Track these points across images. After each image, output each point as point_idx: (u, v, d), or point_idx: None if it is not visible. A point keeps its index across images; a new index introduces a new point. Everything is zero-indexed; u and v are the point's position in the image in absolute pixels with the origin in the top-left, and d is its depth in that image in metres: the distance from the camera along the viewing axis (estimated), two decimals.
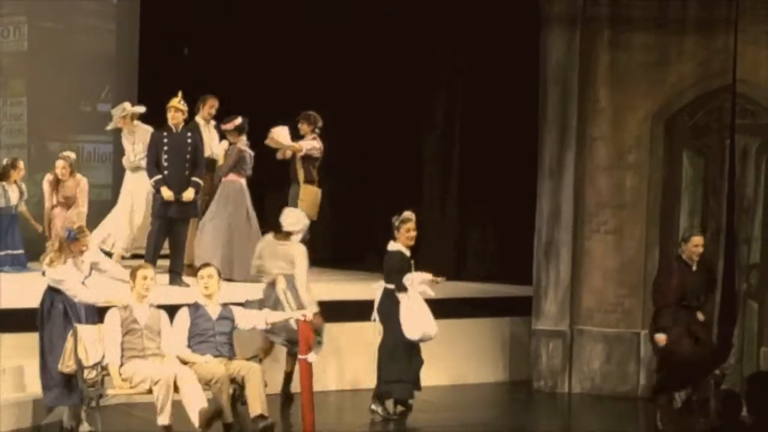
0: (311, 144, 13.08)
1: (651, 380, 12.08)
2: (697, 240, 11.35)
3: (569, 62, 12.71)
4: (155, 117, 13.03)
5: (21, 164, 13.44)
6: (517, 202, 13.31)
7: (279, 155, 13.15)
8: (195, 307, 10.15)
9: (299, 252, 11.17)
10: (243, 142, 13.22)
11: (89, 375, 9.76)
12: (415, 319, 10.97)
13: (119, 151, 14.33)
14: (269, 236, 11.39)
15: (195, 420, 9.59)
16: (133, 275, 9.98)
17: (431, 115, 14.37)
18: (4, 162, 13.50)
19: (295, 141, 13.02)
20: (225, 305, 10.23)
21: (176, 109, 12.52)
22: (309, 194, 12.99)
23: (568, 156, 12.76)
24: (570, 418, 11.92)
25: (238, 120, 13.11)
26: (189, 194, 12.45)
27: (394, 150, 14.27)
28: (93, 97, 14.65)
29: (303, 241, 11.44)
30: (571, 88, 12.71)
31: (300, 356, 10.22)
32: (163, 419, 9.60)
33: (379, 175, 14.13)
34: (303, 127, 13.18)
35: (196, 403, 9.56)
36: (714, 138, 12.42)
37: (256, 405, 9.75)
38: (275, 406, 10.64)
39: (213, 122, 13.41)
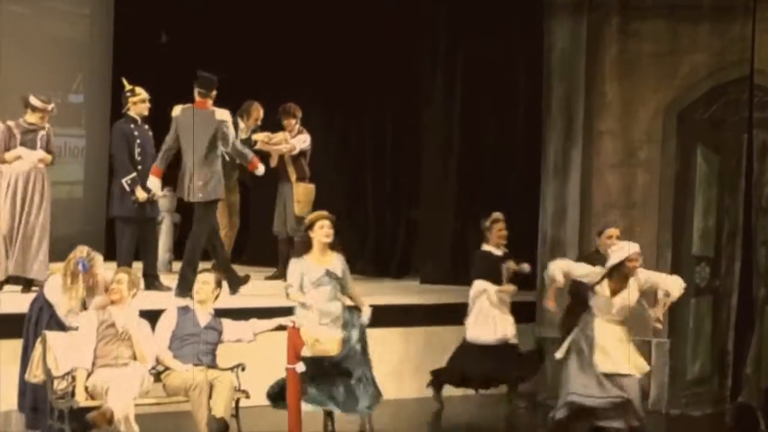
0: (302, 139, 13.10)
1: (662, 391, 11.92)
2: (612, 232, 11.27)
3: (575, 52, 12.57)
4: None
5: None
6: (520, 201, 13.13)
7: (272, 163, 13.07)
8: (184, 310, 10.03)
9: None
10: None
11: (59, 386, 9.45)
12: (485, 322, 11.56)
13: (92, 146, 13.80)
14: None
15: None
16: (113, 281, 9.72)
17: (430, 109, 14.16)
18: None
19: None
20: (216, 316, 10.04)
21: (146, 99, 12.04)
22: (304, 193, 13.04)
23: (574, 152, 12.59)
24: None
25: None
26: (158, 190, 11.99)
27: (390, 147, 14.24)
28: (64, 88, 14.34)
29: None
30: (578, 80, 12.57)
31: (288, 365, 9.94)
32: None
33: (375, 174, 13.71)
34: (288, 123, 13.16)
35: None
36: (730, 132, 12.18)
37: (219, 407, 9.55)
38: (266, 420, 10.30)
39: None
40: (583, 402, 10.28)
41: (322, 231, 10.05)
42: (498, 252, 11.74)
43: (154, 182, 11.76)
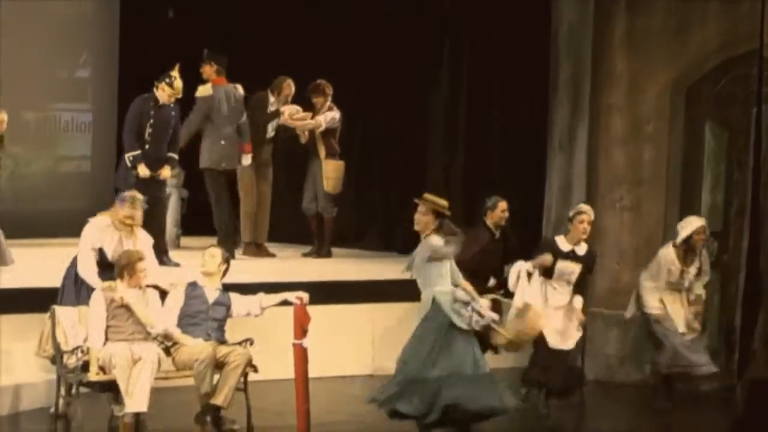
0: (330, 116, 13.10)
1: None
2: (503, 205, 11.10)
3: (583, 27, 12.53)
4: (140, 85, 12.52)
5: None
6: (525, 177, 13.11)
7: (301, 140, 13.23)
8: (192, 287, 9.94)
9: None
10: None
11: (68, 360, 9.42)
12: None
13: (99, 121, 13.77)
14: None
15: None
16: (130, 268, 9.60)
17: (436, 84, 14.12)
18: None
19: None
20: (224, 291, 9.98)
21: (173, 95, 11.99)
22: (334, 170, 13.14)
23: (580, 128, 12.54)
24: (581, 407, 11.31)
25: None
26: (166, 172, 12.06)
27: (397, 123, 14.13)
28: (70, 63, 14.26)
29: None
30: (585, 55, 12.52)
31: (294, 341, 9.80)
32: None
33: (382, 152, 13.68)
34: (317, 100, 13.20)
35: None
36: (739, 108, 12.15)
37: (221, 394, 9.50)
38: (273, 394, 10.25)
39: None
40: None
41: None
42: (566, 247, 10.76)
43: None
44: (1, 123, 12.45)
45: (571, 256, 10.68)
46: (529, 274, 10.52)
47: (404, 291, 12.17)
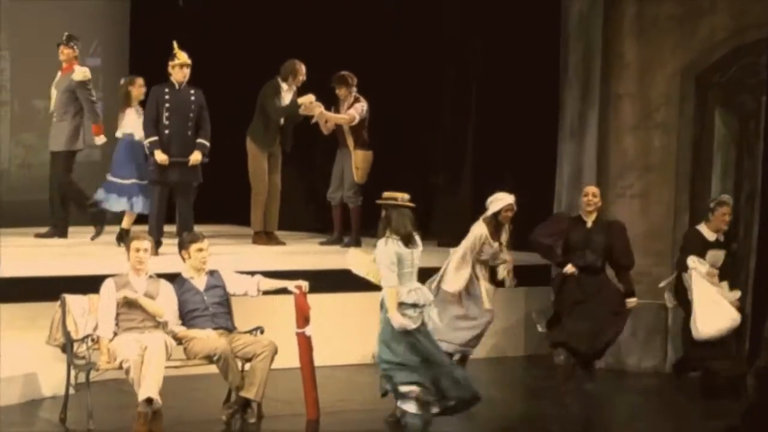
0: (360, 108, 13.00)
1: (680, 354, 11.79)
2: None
3: (592, 13, 12.49)
4: (150, 73, 12.57)
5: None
6: (536, 164, 13.03)
7: (324, 131, 13.13)
8: (179, 283, 9.81)
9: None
10: None
11: (79, 349, 9.40)
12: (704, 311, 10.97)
13: (109, 110, 13.76)
14: None
15: None
16: (126, 246, 9.65)
17: (445, 72, 14.04)
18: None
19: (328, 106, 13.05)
20: (212, 272, 9.89)
21: (185, 65, 11.92)
22: (363, 160, 13.08)
23: (590, 115, 12.50)
24: (592, 396, 11.32)
25: None
26: (196, 157, 11.93)
27: (406, 108, 14.03)
28: (81, 51, 14.03)
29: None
30: (595, 42, 12.47)
31: (297, 330, 9.86)
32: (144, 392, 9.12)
33: (389, 139, 13.65)
34: (341, 92, 13.10)
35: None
36: (748, 95, 12.12)
37: (252, 387, 9.48)
38: (283, 383, 10.19)
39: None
40: None
41: None
42: (712, 237, 11.11)
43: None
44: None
45: (718, 244, 11.11)
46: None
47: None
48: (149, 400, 9.01)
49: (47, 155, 13.10)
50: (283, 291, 9.98)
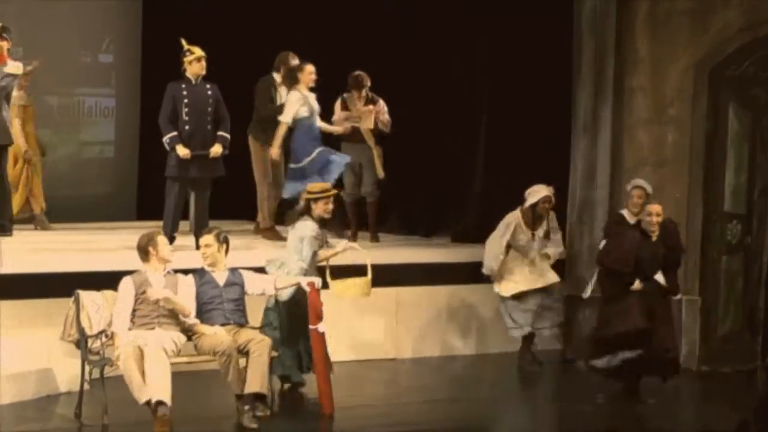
0: (380, 107, 12.96)
1: (694, 348, 11.84)
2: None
3: (605, 9, 12.55)
4: (162, 68, 12.55)
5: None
6: (549, 159, 12.93)
7: (343, 131, 12.95)
8: (200, 274, 9.85)
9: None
10: None
11: (93, 344, 9.45)
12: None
13: (122, 106, 13.76)
14: None
15: None
16: (152, 242, 9.57)
17: (457, 68, 13.95)
18: None
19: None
20: (234, 270, 9.92)
21: (202, 57, 11.83)
22: (381, 155, 12.99)
23: (604, 110, 12.54)
24: (602, 391, 11.14)
25: None
26: (217, 149, 11.79)
27: (418, 105, 13.96)
28: (94, 47, 14.17)
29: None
30: (608, 37, 12.54)
31: (311, 326, 9.91)
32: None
33: (403, 135, 13.63)
34: (357, 93, 13.00)
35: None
36: (762, 89, 12.12)
37: (255, 381, 9.47)
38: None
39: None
40: None
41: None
42: (632, 219, 10.91)
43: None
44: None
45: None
46: None
47: (426, 275, 12.27)
48: (160, 403, 8.99)
49: (60, 151, 13.02)
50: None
